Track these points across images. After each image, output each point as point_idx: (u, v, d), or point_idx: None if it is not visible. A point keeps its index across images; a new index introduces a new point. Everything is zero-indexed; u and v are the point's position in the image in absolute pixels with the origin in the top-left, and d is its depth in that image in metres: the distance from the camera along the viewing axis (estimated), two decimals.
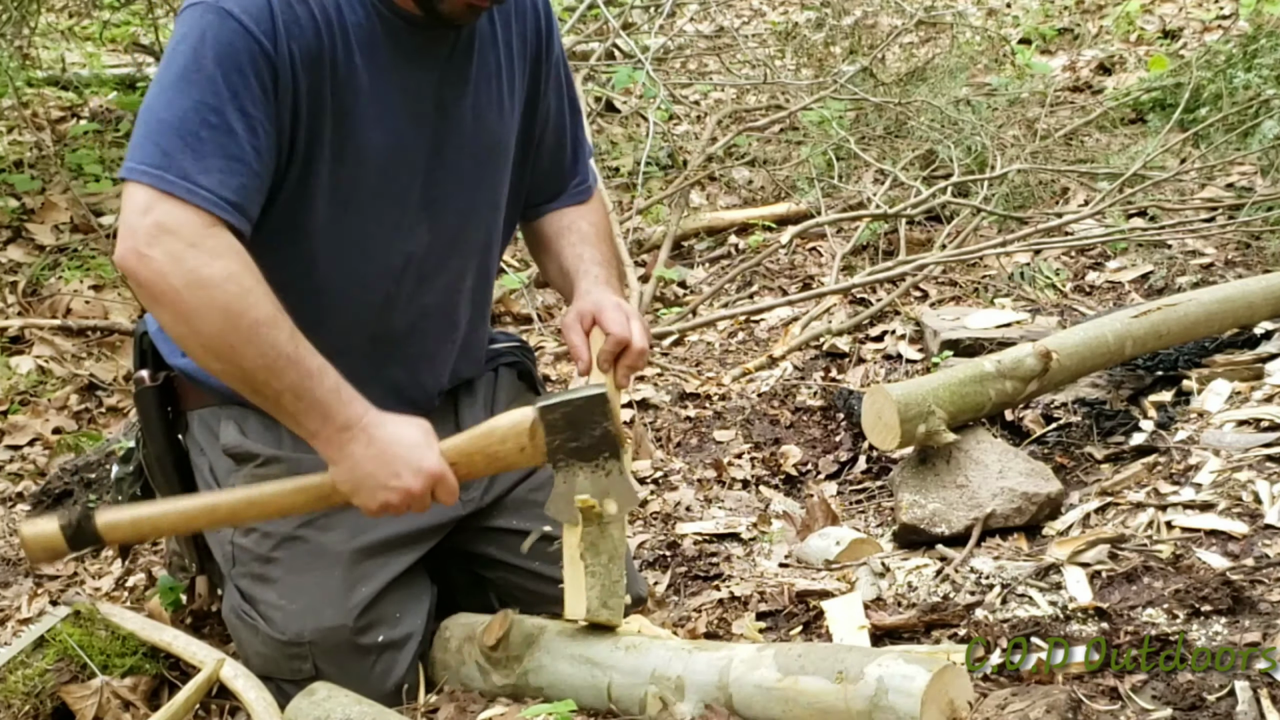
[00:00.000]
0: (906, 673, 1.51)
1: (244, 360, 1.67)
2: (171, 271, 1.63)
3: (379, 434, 1.73)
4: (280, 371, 1.68)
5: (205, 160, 1.66)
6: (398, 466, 1.72)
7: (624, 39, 5.16)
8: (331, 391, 1.71)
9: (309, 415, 1.71)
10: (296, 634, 1.91)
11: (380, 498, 1.74)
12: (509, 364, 2.26)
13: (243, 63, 1.68)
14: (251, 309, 1.65)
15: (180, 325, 1.68)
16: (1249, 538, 2.05)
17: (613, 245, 2.19)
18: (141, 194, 1.65)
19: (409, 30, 1.83)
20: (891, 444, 2.43)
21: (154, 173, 1.65)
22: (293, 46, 1.72)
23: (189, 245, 1.63)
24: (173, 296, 1.64)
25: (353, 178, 1.85)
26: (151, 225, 1.63)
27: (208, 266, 1.63)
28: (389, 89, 1.84)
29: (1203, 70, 4.75)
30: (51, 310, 3.97)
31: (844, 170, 4.67)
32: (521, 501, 2.13)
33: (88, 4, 5.91)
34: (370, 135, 1.84)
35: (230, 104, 1.67)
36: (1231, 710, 1.59)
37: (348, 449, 1.72)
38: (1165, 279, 3.59)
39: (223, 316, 1.64)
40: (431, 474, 1.74)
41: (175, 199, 1.64)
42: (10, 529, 2.89)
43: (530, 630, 1.85)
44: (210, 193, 1.65)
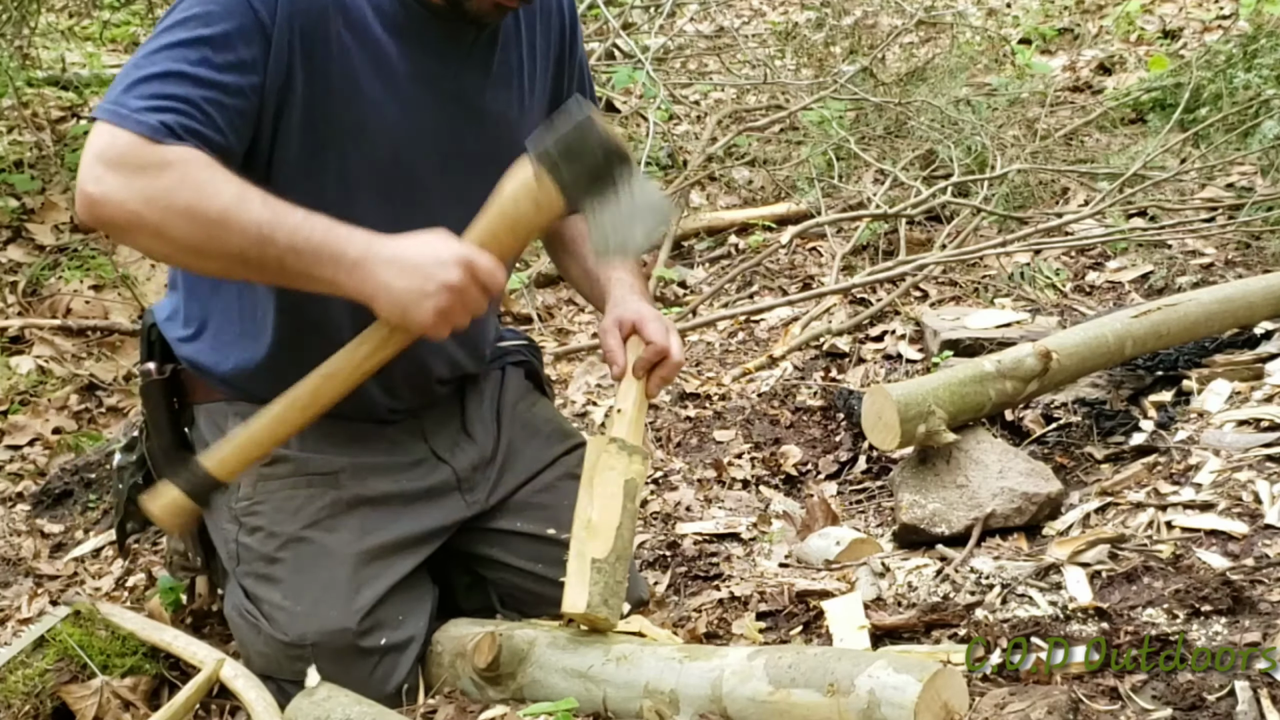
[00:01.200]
0: (897, 683, 1.51)
1: (231, 247, 1.63)
2: (125, 197, 1.60)
3: (394, 250, 1.67)
4: (268, 238, 1.63)
5: (164, 101, 1.63)
6: (428, 269, 1.66)
7: (624, 39, 5.17)
8: (327, 233, 1.66)
9: (318, 264, 1.65)
10: (300, 635, 1.90)
11: (429, 306, 1.66)
12: (516, 363, 2.26)
13: (230, 29, 1.67)
14: (213, 198, 1.62)
15: (159, 244, 1.65)
16: (1249, 538, 2.05)
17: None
18: (95, 134, 1.63)
19: (434, 21, 1.83)
20: (891, 444, 2.43)
21: (109, 108, 1.63)
22: (294, 21, 1.71)
23: (136, 168, 1.60)
24: (136, 222, 1.61)
25: (367, 162, 1.84)
26: (98, 163, 1.61)
27: (157, 179, 1.60)
28: (408, 76, 1.83)
29: (1203, 70, 4.75)
30: (51, 310, 3.97)
31: (844, 170, 4.67)
32: (526, 504, 2.13)
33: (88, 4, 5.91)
34: (385, 120, 1.83)
35: (206, 63, 1.66)
36: (1231, 710, 1.59)
37: (373, 279, 1.66)
38: (1165, 279, 3.59)
39: (189, 219, 1.61)
40: (461, 259, 1.67)
41: (124, 131, 1.61)
42: (10, 529, 2.89)
43: (520, 646, 1.84)
44: (160, 124, 1.62)
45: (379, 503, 2.00)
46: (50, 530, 2.88)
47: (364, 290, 1.66)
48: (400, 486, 2.02)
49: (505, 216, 1.72)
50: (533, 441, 2.18)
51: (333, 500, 1.97)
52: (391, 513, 2.00)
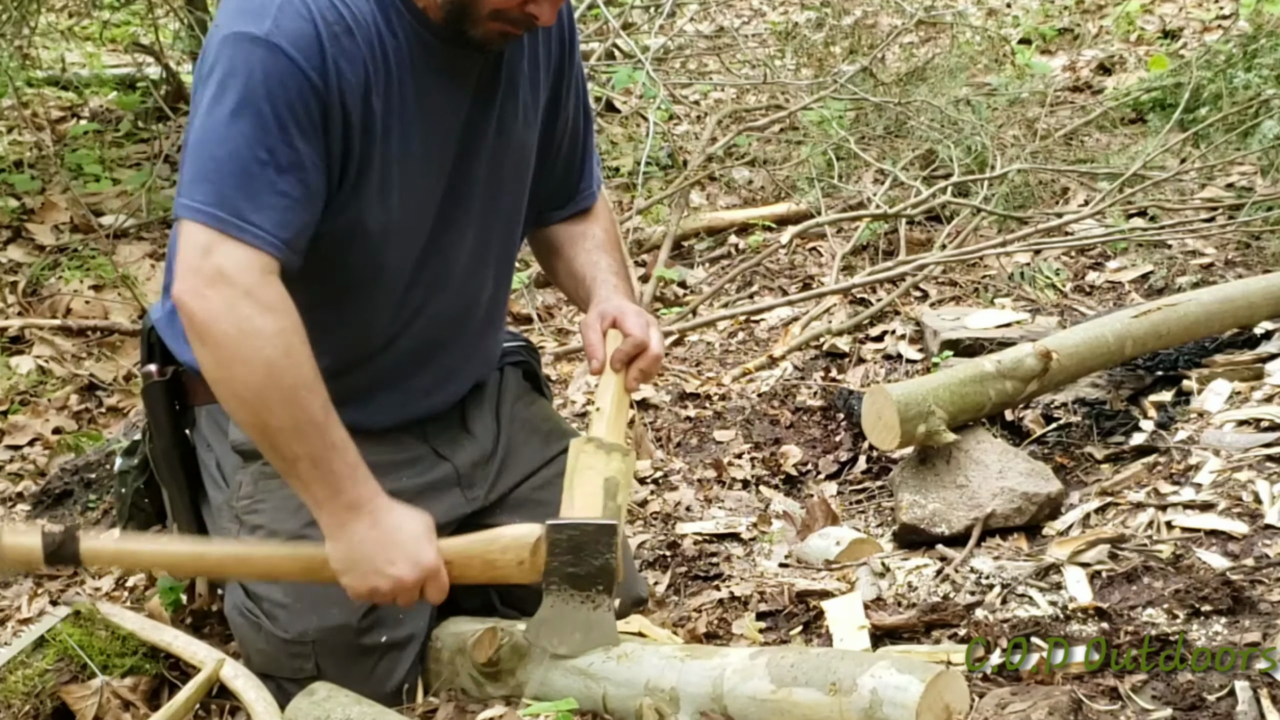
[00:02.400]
0: (899, 683, 1.51)
1: (274, 418, 1.68)
2: (225, 317, 1.64)
3: (383, 519, 1.74)
4: (306, 437, 1.69)
5: (260, 198, 1.66)
6: (395, 554, 1.73)
7: (624, 39, 5.17)
8: (349, 467, 1.72)
9: (320, 485, 1.71)
10: (300, 632, 1.91)
11: (371, 581, 1.74)
12: (515, 363, 2.26)
13: (293, 99, 1.68)
14: (294, 369, 1.67)
15: (220, 370, 1.69)
16: (1249, 538, 2.05)
17: (623, 253, 2.20)
18: (199, 233, 1.66)
19: (444, 49, 1.83)
20: (891, 444, 2.43)
21: (209, 211, 1.66)
22: (342, 82, 1.72)
23: (244, 294, 1.65)
24: (221, 341, 1.65)
25: (395, 197, 1.85)
26: (211, 268, 1.65)
27: (260, 318, 1.65)
28: (424, 109, 1.84)
29: (1203, 70, 4.75)
30: (51, 310, 3.97)
31: (844, 170, 4.67)
32: (524, 500, 2.13)
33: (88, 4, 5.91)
34: (407, 156, 1.84)
35: (282, 141, 1.68)
36: (1231, 710, 1.59)
37: (349, 527, 1.73)
38: (1165, 279, 3.59)
39: (265, 372, 1.65)
40: (427, 568, 1.75)
41: (230, 239, 1.65)
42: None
43: (521, 643, 1.85)
44: (266, 233, 1.66)
45: None
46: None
47: (334, 528, 1.73)
48: (400, 484, 2.02)
49: (488, 554, 1.80)
50: (531, 439, 2.19)
51: None
52: None
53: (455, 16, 1.78)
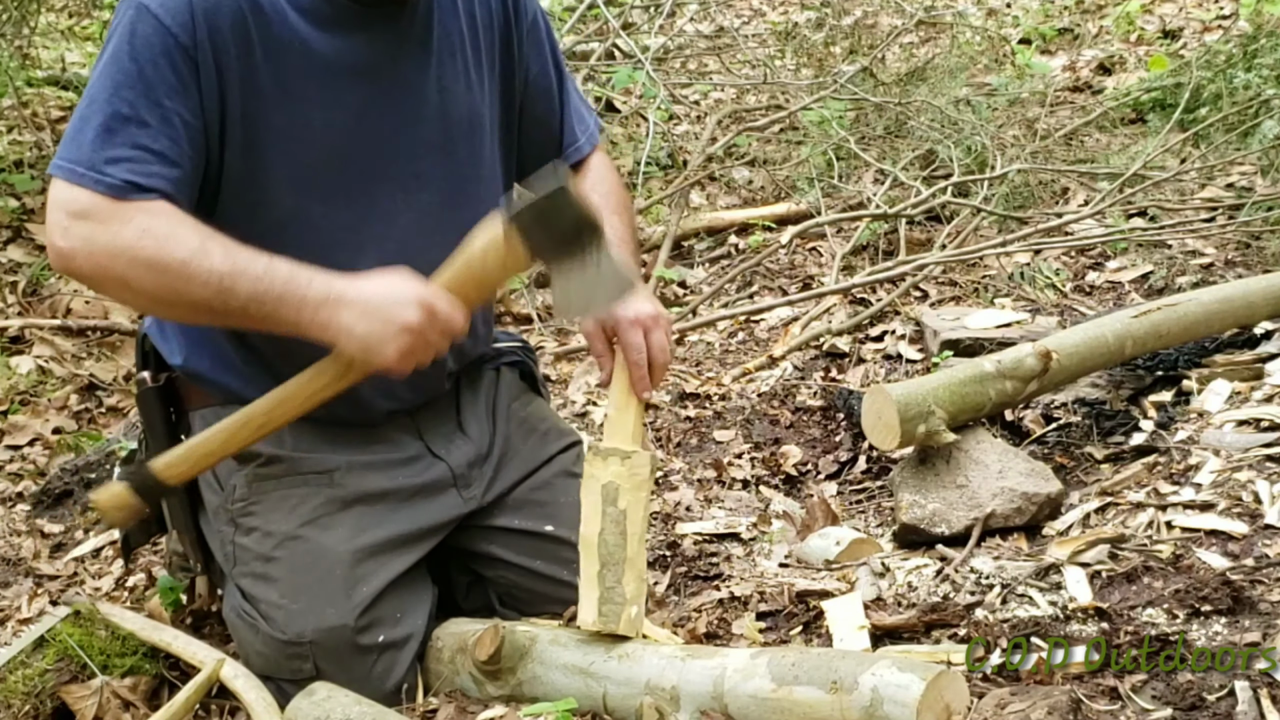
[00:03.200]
0: (901, 681, 1.51)
1: (194, 297, 1.69)
2: (92, 251, 1.69)
3: (356, 292, 1.72)
4: (231, 289, 1.69)
5: (115, 150, 1.70)
6: (387, 310, 1.70)
7: (624, 39, 5.17)
8: (289, 280, 1.71)
9: (280, 311, 1.71)
10: (297, 634, 1.91)
11: (391, 348, 1.71)
12: (510, 364, 2.26)
13: (158, 57, 1.72)
14: (173, 250, 1.68)
15: (127, 295, 1.75)
16: (1249, 538, 2.05)
17: (627, 214, 2.13)
18: (60, 189, 1.71)
19: (356, 9, 1.83)
20: (891, 444, 2.43)
21: (68, 166, 1.71)
22: (214, 36, 1.74)
23: (100, 223, 1.69)
24: (103, 274, 1.71)
25: (311, 160, 1.84)
26: (63, 216, 1.70)
27: (120, 234, 1.68)
28: (340, 65, 1.83)
29: (1203, 70, 4.75)
30: (51, 310, 3.97)
31: (844, 170, 4.67)
32: (523, 501, 2.13)
33: (88, 4, 5.91)
34: (321, 113, 1.83)
35: (144, 98, 1.72)
36: (1231, 710, 1.59)
37: (335, 323, 1.71)
38: (1165, 279, 3.59)
39: (150, 270, 1.68)
40: (420, 299, 1.71)
41: (85, 189, 1.69)
42: (10, 529, 2.89)
43: (522, 642, 1.84)
44: (118, 179, 1.69)
45: (375, 500, 2.00)
46: (50, 530, 2.88)
47: (327, 333, 1.72)
48: (396, 483, 2.02)
49: (471, 270, 1.76)
50: (529, 439, 2.18)
51: (328, 498, 1.97)
52: (387, 510, 2.00)
53: None
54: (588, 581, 1.84)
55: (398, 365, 1.73)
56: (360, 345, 1.72)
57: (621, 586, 1.82)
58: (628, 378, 1.91)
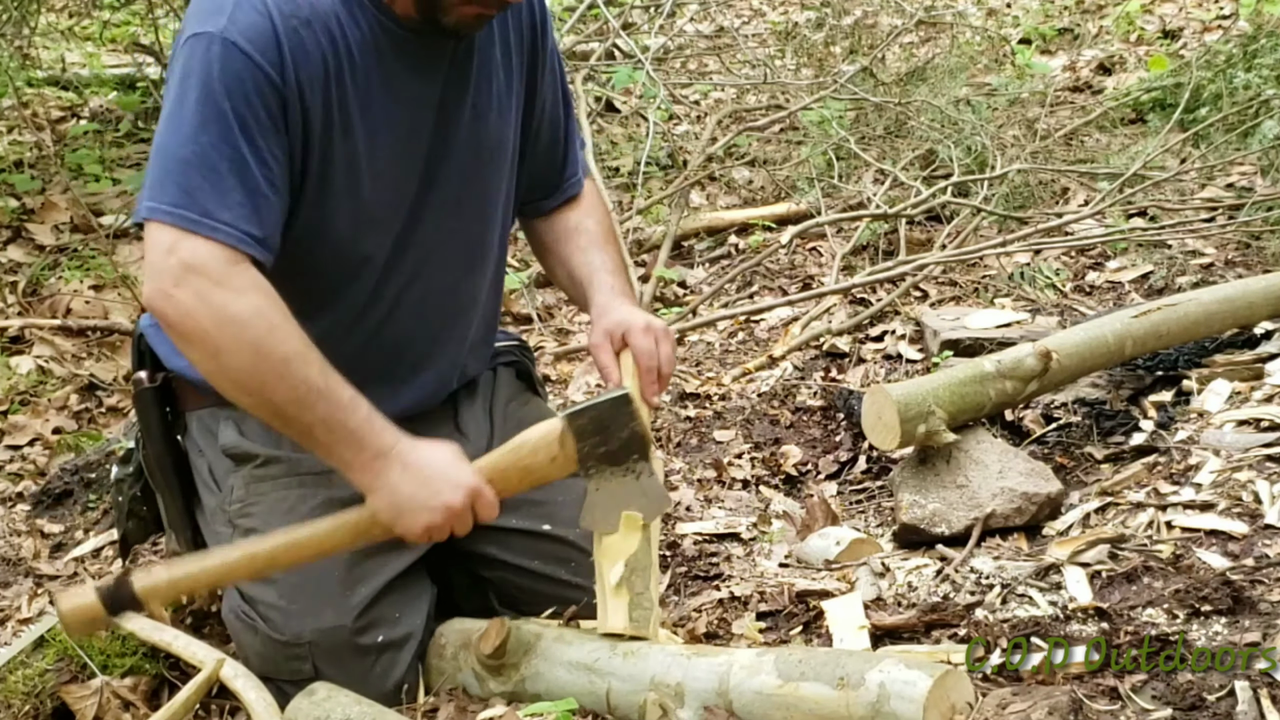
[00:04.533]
0: (908, 678, 1.51)
1: (275, 395, 1.69)
2: (199, 311, 1.65)
3: (413, 458, 1.74)
4: (311, 405, 1.69)
5: (224, 196, 1.67)
6: (436, 485, 1.74)
7: (624, 39, 5.16)
8: (364, 422, 1.73)
9: (342, 446, 1.73)
10: (296, 634, 1.90)
11: (423, 520, 1.74)
12: (507, 363, 2.26)
13: (251, 95, 1.69)
14: (281, 344, 1.67)
15: (210, 362, 1.70)
16: (1249, 538, 2.05)
17: (618, 244, 2.20)
18: (164, 234, 1.67)
19: (413, 40, 1.83)
20: (891, 444, 2.43)
21: (175, 211, 1.67)
22: (300, 74, 1.73)
23: (215, 284, 1.65)
24: (201, 335, 1.67)
25: (367, 189, 1.86)
26: (177, 265, 1.66)
27: (234, 304, 1.66)
28: (393, 100, 1.84)
29: (1203, 70, 4.75)
30: (51, 310, 3.97)
31: (844, 170, 4.67)
32: (522, 500, 2.12)
33: (88, 4, 5.91)
34: (377, 142, 1.84)
35: (242, 137, 1.69)
36: (1231, 710, 1.59)
37: (384, 477, 1.73)
38: (1165, 279, 3.59)
39: (252, 353, 1.66)
40: (470, 489, 1.75)
41: (198, 236, 1.66)
42: (10, 529, 2.89)
43: (527, 637, 1.85)
44: (231, 227, 1.67)
45: None
46: (50, 530, 2.88)
47: (371, 483, 1.74)
48: None
49: (521, 463, 1.80)
50: None
51: (325, 499, 1.97)
52: None
53: (427, 5, 1.78)
54: (613, 588, 1.84)
55: (418, 537, 1.77)
56: (396, 507, 1.74)
57: (649, 592, 1.83)
58: (638, 386, 1.93)
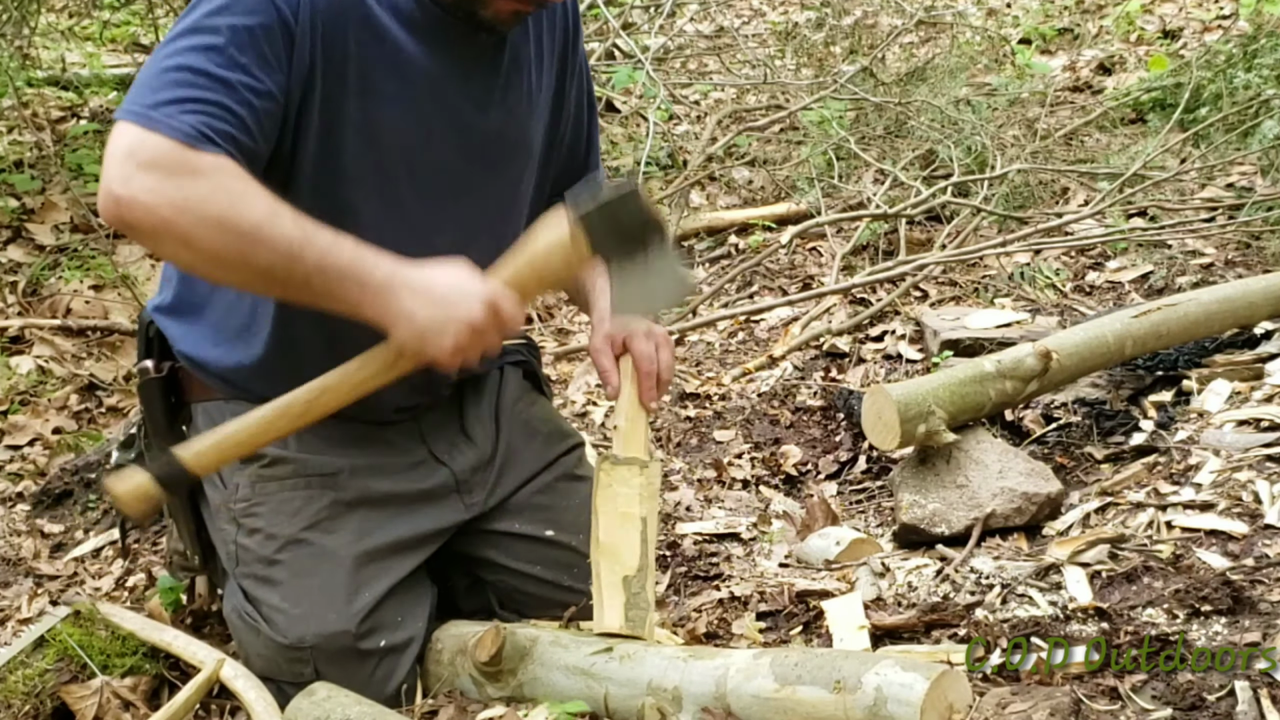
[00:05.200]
0: (905, 681, 1.51)
1: (259, 261, 1.62)
2: (156, 203, 1.58)
3: (421, 280, 1.67)
4: (298, 256, 1.63)
5: (194, 101, 1.62)
6: (453, 300, 1.66)
7: (624, 39, 5.17)
8: (355, 257, 1.66)
9: (344, 286, 1.65)
10: (299, 638, 1.90)
11: (449, 337, 1.67)
12: (514, 363, 2.26)
13: (255, 28, 1.67)
14: (246, 211, 1.60)
15: (185, 252, 1.63)
16: (1249, 538, 2.05)
17: None
18: (127, 131, 1.61)
19: (451, 25, 1.83)
20: (891, 444, 2.43)
21: (138, 110, 1.61)
22: (315, 19, 1.71)
23: (169, 173, 1.58)
24: (164, 228, 1.59)
25: (377, 158, 1.84)
26: (128, 163, 1.59)
27: (190, 186, 1.59)
28: (420, 71, 1.83)
29: (1203, 70, 4.75)
30: (51, 310, 3.97)
31: (844, 170, 4.67)
32: (524, 505, 2.13)
33: (88, 4, 5.91)
34: (397, 118, 1.83)
35: (234, 62, 1.65)
36: (1231, 710, 1.59)
37: (397, 305, 1.66)
38: (1165, 279, 3.59)
39: (220, 230, 1.59)
40: (488, 298, 1.68)
41: (156, 134, 1.59)
42: (10, 529, 2.89)
43: (523, 643, 1.85)
44: (193, 128, 1.60)
45: (378, 504, 1.99)
46: (50, 530, 2.88)
47: (386, 315, 1.67)
48: (399, 488, 2.02)
49: (535, 266, 1.73)
50: (531, 442, 2.18)
51: (331, 502, 1.97)
52: (390, 514, 2.00)
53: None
54: (610, 588, 1.84)
55: (448, 359, 1.69)
56: (418, 333, 1.67)
57: (645, 593, 1.83)
58: (637, 390, 1.93)
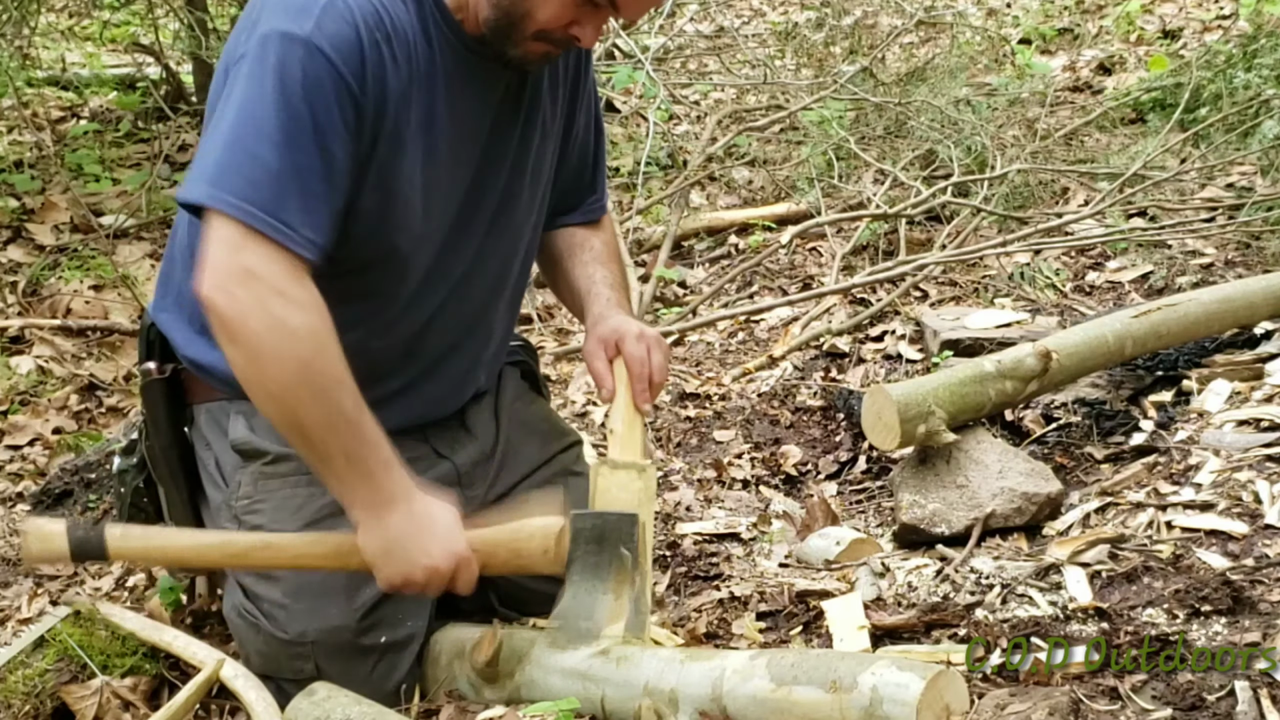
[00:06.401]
0: (900, 681, 1.51)
1: (307, 415, 1.68)
2: (255, 315, 1.63)
3: (418, 510, 1.74)
4: (340, 433, 1.69)
5: (294, 200, 1.65)
6: (429, 544, 1.73)
7: (624, 39, 5.17)
8: (384, 462, 1.72)
9: (357, 481, 1.72)
10: (299, 633, 1.90)
11: (405, 571, 1.74)
12: (513, 363, 2.27)
13: (331, 103, 1.68)
14: (327, 367, 1.66)
15: (251, 367, 1.67)
16: (1249, 538, 2.05)
17: (622, 265, 2.21)
18: (229, 228, 1.64)
19: (475, 62, 1.84)
20: (891, 444, 2.43)
21: (242, 206, 1.63)
22: (377, 88, 1.73)
23: (276, 292, 1.63)
24: (253, 340, 1.64)
25: (423, 207, 1.86)
26: (240, 266, 1.63)
27: (292, 317, 1.64)
28: (451, 120, 1.85)
29: (1203, 70, 4.75)
30: (51, 310, 3.97)
31: (844, 170, 4.67)
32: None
33: (88, 4, 5.91)
34: (433, 165, 1.85)
35: (315, 144, 1.67)
36: (1231, 710, 1.59)
37: (385, 519, 1.73)
38: (1165, 279, 3.59)
39: (297, 368, 1.65)
40: (460, 557, 1.75)
41: (265, 239, 1.63)
42: (10, 529, 2.89)
43: (520, 646, 1.84)
44: (296, 233, 1.65)
45: None
46: None
47: (368, 520, 1.73)
48: None
49: (514, 545, 1.80)
50: (530, 440, 2.19)
51: (333, 499, 1.97)
52: None
53: (499, 35, 1.79)
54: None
55: (394, 586, 1.77)
56: (385, 551, 1.73)
57: (644, 596, 1.83)
58: (630, 393, 1.95)
